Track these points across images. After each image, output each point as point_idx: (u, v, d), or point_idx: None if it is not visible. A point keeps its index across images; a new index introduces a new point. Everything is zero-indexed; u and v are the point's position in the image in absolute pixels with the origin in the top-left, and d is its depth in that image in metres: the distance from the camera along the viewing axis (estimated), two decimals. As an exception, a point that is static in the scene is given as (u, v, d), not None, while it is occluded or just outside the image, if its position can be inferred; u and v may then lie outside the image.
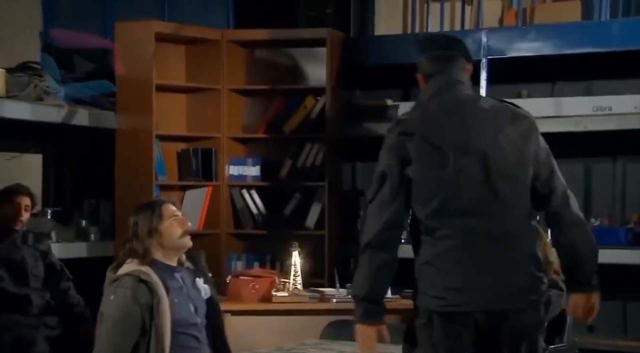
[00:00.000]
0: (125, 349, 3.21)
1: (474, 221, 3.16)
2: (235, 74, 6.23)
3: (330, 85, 6.06)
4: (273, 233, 6.11)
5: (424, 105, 3.36)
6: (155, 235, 3.40)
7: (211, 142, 6.19)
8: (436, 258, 3.21)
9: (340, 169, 6.29)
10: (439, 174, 3.18)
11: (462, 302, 3.12)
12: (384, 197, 3.25)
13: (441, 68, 3.37)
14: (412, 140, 3.23)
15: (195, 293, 3.48)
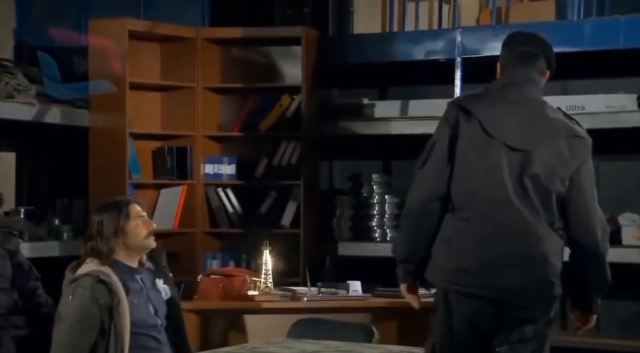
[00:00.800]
0: (83, 350, 3.18)
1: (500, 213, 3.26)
2: (210, 72, 6.20)
3: (306, 83, 6.04)
4: (249, 232, 6.09)
5: (492, 92, 3.43)
6: (121, 235, 3.36)
7: (186, 140, 6.16)
8: (454, 237, 3.29)
9: (317, 168, 6.28)
10: (481, 159, 3.28)
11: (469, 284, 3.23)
12: (433, 166, 3.30)
13: (520, 63, 3.45)
14: (468, 119, 3.31)
15: (155, 294, 3.45)
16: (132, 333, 3.25)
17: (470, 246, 3.26)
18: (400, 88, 6.64)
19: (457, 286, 3.26)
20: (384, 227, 6.23)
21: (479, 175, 3.30)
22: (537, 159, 3.33)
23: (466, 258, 3.25)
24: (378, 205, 6.24)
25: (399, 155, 6.67)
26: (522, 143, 3.34)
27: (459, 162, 3.30)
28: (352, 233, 6.27)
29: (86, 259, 3.34)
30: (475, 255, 3.25)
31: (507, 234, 3.26)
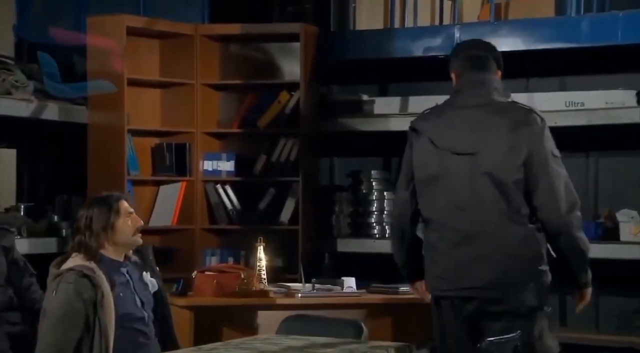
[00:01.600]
0: (68, 345, 3.18)
1: (455, 219, 3.58)
2: (209, 68, 6.19)
3: (304, 80, 6.03)
4: (247, 228, 6.08)
5: (442, 104, 3.80)
6: (110, 231, 3.36)
7: (185, 136, 6.16)
8: (429, 249, 3.69)
9: (316, 164, 6.27)
10: (432, 171, 3.60)
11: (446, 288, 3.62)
12: (402, 186, 3.73)
13: (471, 68, 3.76)
14: (418, 137, 3.69)
15: (142, 287, 3.44)
16: (119, 327, 3.25)
17: (440, 254, 3.62)
18: (400, 84, 6.62)
19: (438, 291, 3.67)
20: (382, 224, 6.22)
21: (434, 187, 3.61)
22: (485, 158, 3.56)
23: (440, 265, 3.63)
24: (377, 202, 6.23)
25: (398, 152, 6.62)
26: (467, 146, 3.58)
27: (417, 177, 3.65)
28: (351, 230, 6.27)
29: (72, 254, 3.33)
30: (444, 261, 3.62)
31: (465, 237, 3.57)
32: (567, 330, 5.84)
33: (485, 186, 3.53)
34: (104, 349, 3.16)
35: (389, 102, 6.40)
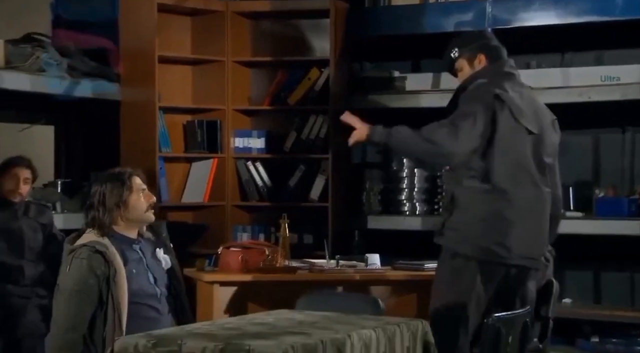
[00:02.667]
0: (82, 320, 3.21)
1: (529, 194, 3.95)
2: (240, 45, 6.21)
3: (334, 56, 6.02)
4: (277, 205, 6.11)
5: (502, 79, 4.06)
6: (123, 207, 3.39)
7: (216, 114, 6.19)
8: (492, 216, 3.90)
9: (345, 141, 6.23)
10: (515, 144, 3.91)
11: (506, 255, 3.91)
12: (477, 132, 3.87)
13: (501, 55, 4.18)
14: (502, 107, 3.93)
15: (155, 264, 3.47)
16: (132, 302, 3.28)
17: (509, 223, 3.89)
18: (432, 61, 6.57)
19: (495, 257, 3.90)
20: (413, 201, 6.20)
21: (514, 159, 3.91)
22: (545, 141, 4.04)
23: (505, 234, 3.89)
24: (408, 179, 6.21)
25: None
26: (534, 127, 4.00)
27: (497, 145, 3.88)
28: (381, 207, 6.26)
29: (86, 230, 3.37)
30: (514, 231, 3.89)
31: (535, 213, 3.98)
32: (601, 307, 5.80)
33: (544, 167, 3.99)
34: (117, 324, 3.21)
35: (421, 78, 6.36)
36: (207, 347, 2.82)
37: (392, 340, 3.16)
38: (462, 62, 4.19)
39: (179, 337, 2.90)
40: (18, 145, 6.41)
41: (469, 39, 4.26)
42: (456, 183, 3.95)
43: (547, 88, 5.80)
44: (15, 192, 4.85)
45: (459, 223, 3.94)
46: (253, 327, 3.10)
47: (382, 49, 6.58)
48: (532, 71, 6.07)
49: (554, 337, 5.67)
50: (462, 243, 3.91)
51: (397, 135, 3.92)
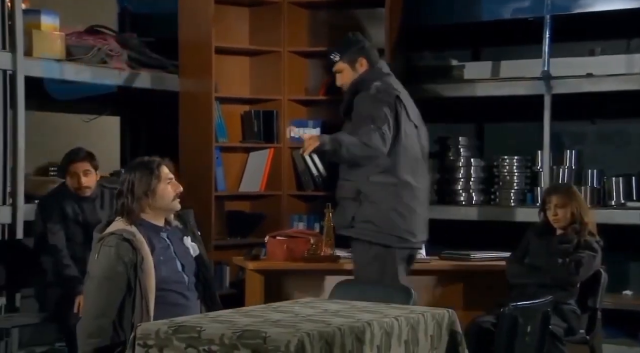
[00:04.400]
0: (111, 306, 3.28)
1: (423, 183, 4.43)
2: (296, 36, 6.25)
3: (389, 45, 6.00)
4: (333, 194, 6.12)
5: (391, 79, 4.48)
6: (151, 195, 3.45)
7: (273, 104, 6.25)
8: (402, 206, 4.29)
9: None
10: (410, 139, 4.34)
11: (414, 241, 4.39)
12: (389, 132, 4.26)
13: (378, 58, 4.58)
14: (402, 108, 4.36)
15: (183, 251, 3.52)
16: (159, 289, 3.34)
17: (413, 212, 4.31)
18: (492, 49, 6.52)
19: (406, 243, 4.33)
20: (469, 191, 6.17)
21: (412, 153, 4.33)
22: (422, 133, 4.48)
23: (410, 221, 4.30)
24: (464, 169, 6.18)
25: (488, 118, 6.57)
26: (418, 120, 4.46)
27: (401, 142, 4.27)
28: (437, 197, 6.23)
29: (116, 218, 3.45)
30: (415, 218, 4.32)
31: (426, 199, 4.48)
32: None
33: (425, 156, 4.46)
34: (145, 311, 3.27)
35: (480, 66, 6.31)
36: (225, 334, 2.87)
37: (416, 329, 3.17)
38: (342, 65, 4.50)
39: (199, 323, 2.96)
40: (85, 135, 6.60)
41: (349, 43, 4.55)
42: (362, 179, 4.28)
43: (611, 75, 5.71)
44: (81, 187, 4.84)
45: (371, 216, 4.28)
46: (275, 314, 3.14)
47: (439, 37, 6.54)
48: (596, 58, 5.97)
49: (614, 330, 5.60)
50: (378, 234, 4.27)
51: (344, 143, 4.21)
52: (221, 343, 2.86)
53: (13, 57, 5.25)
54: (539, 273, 4.48)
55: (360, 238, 4.29)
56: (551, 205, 4.56)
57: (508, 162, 6.12)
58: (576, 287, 4.47)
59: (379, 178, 4.26)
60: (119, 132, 7.06)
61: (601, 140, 6.36)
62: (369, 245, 4.27)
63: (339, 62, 4.49)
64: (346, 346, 2.92)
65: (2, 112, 5.30)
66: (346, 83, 4.51)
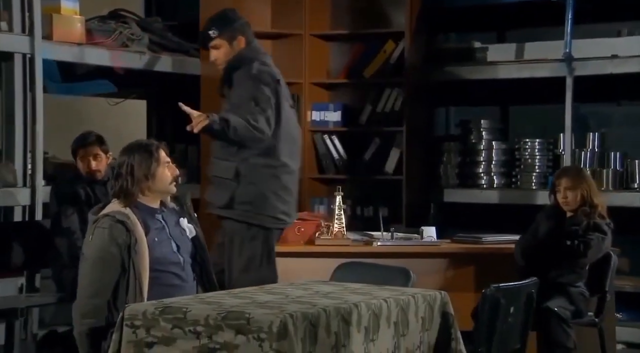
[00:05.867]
0: (105, 287, 3.33)
1: (297, 165, 4.44)
2: (318, 19, 6.24)
3: (410, 28, 5.97)
4: (353, 177, 6.15)
5: (265, 61, 4.43)
6: (150, 178, 3.48)
7: (294, 87, 6.23)
8: (282, 189, 4.30)
9: (421, 114, 6.22)
10: (290, 120, 4.37)
11: (288, 222, 4.41)
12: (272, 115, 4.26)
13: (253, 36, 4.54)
14: (281, 91, 4.37)
15: (178, 232, 3.55)
16: (154, 270, 3.38)
17: (290, 193, 4.34)
18: (517, 31, 6.46)
19: (282, 224, 4.35)
20: (491, 174, 6.13)
21: (290, 135, 4.34)
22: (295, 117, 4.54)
23: (288, 203, 4.33)
24: (486, 152, 6.14)
25: (512, 100, 6.52)
26: (291, 101, 4.47)
27: (281, 124, 4.28)
28: (458, 180, 6.21)
29: (112, 199, 3.48)
30: (291, 200, 4.36)
31: (297, 181, 4.45)
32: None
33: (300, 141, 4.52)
34: (139, 292, 3.31)
35: (504, 49, 6.25)
36: (210, 315, 2.90)
37: (406, 311, 3.17)
38: (220, 41, 4.42)
39: (186, 304, 3.00)
40: (111, 118, 6.67)
41: (228, 20, 4.47)
42: (241, 160, 4.24)
43: (636, 56, 5.62)
44: (91, 171, 4.89)
45: (250, 197, 4.25)
46: (265, 296, 3.17)
47: (464, 20, 6.49)
48: (623, 39, 5.88)
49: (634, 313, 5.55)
50: (257, 215, 4.26)
51: (232, 124, 4.16)
52: (206, 324, 2.89)
53: (31, 41, 5.32)
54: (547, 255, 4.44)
55: (239, 219, 4.26)
56: (561, 188, 4.53)
57: (530, 144, 6.07)
58: (585, 270, 4.44)
59: (259, 160, 4.23)
60: (145, 115, 7.12)
61: (627, 122, 6.27)
62: (248, 227, 4.26)
63: (217, 38, 4.40)
64: (332, 327, 2.93)
65: (22, 95, 5.38)
66: (221, 59, 4.44)
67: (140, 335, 2.97)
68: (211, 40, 4.43)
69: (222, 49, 4.42)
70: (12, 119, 5.35)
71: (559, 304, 4.32)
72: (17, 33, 5.31)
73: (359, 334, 3.00)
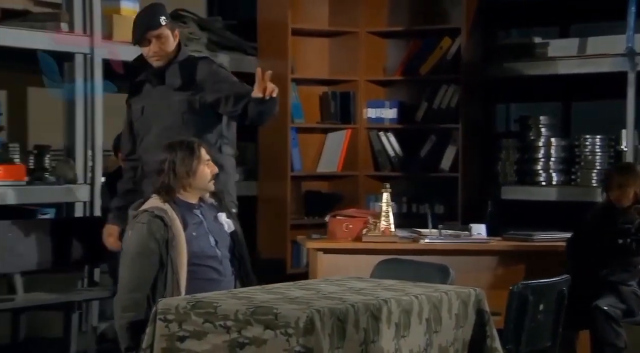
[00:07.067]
0: (144, 281, 3.39)
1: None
2: (374, 16, 6.24)
3: (466, 24, 5.93)
4: (409, 175, 6.13)
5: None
6: (192, 176, 3.54)
7: (350, 85, 6.27)
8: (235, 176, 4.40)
9: (477, 111, 6.16)
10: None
11: None
12: None
13: None
14: None
15: (217, 227, 3.60)
16: (192, 264, 3.43)
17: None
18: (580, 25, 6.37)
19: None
20: (549, 171, 6.04)
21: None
22: None
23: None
24: (544, 148, 6.06)
25: (576, 96, 6.42)
26: None
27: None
28: (516, 177, 6.14)
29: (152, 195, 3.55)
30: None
31: None
32: None
33: None
34: (176, 286, 3.36)
35: (566, 44, 6.15)
36: (239, 310, 2.93)
37: (438, 307, 3.16)
38: (167, 31, 4.17)
39: (217, 299, 3.04)
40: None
41: (165, 11, 4.25)
42: (216, 151, 4.09)
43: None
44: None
45: (228, 186, 4.16)
46: (297, 292, 3.19)
47: (523, 15, 6.41)
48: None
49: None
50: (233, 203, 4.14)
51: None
52: (236, 319, 2.92)
53: (91, 41, 5.45)
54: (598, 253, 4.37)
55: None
56: (613, 185, 4.44)
57: (590, 141, 5.97)
58: (637, 268, 4.35)
59: (227, 150, 4.21)
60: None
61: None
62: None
63: (164, 27, 4.13)
64: (360, 323, 2.94)
65: (83, 94, 5.52)
66: (164, 51, 4.15)
67: (173, 329, 3.02)
68: (157, 27, 4.12)
69: (169, 40, 4.16)
70: (74, 117, 5.50)
71: (609, 303, 4.24)
72: (78, 33, 5.44)
73: (389, 330, 3.00)
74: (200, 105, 4.08)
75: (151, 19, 4.13)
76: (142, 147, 4.14)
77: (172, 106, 4.08)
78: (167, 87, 4.13)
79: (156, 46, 4.13)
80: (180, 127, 4.01)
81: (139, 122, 4.18)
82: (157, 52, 4.13)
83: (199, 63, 4.18)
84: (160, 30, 4.12)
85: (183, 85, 4.11)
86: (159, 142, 3.88)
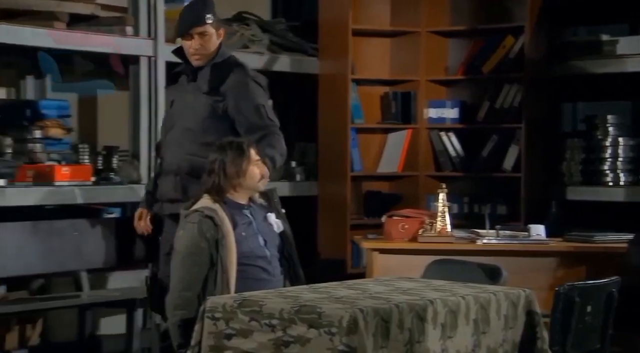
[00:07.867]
0: (195, 280, 3.43)
1: None
2: (436, 15, 6.20)
3: (530, 23, 5.85)
4: (470, 175, 6.08)
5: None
6: (242, 176, 3.56)
7: (411, 85, 6.24)
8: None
9: (541, 110, 6.07)
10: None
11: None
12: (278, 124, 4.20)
13: None
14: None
15: (266, 227, 3.61)
16: (242, 264, 3.45)
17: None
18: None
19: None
20: (616, 171, 5.92)
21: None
22: None
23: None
24: (611, 148, 5.94)
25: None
26: None
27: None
28: (582, 177, 6.03)
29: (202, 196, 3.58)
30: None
31: None
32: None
33: None
34: (225, 284, 3.40)
35: (635, 41, 6.01)
36: (284, 309, 2.95)
37: (486, 308, 3.12)
38: (211, 29, 4.05)
39: (263, 298, 3.06)
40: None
41: (213, 7, 4.10)
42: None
43: None
44: None
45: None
46: (343, 291, 3.19)
47: (589, 12, 6.30)
48: None
49: None
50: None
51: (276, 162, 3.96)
52: (280, 318, 2.94)
53: (155, 44, 5.54)
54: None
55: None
56: (675, 186, 4.34)
57: (660, 140, 5.84)
58: None
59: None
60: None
61: None
62: None
63: (209, 25, 4.02)
64: (405, 323, 2.93)
65: (147, 96, 5.61)
66: (205, 49, 4.05)
67: (220, 326, 3.05)
68: (204, 24, 4.02)
69: (212, 39, 4.06)
70: (138, 118, 5.60)
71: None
72: (142, 37, 5.54)
73: (434, 331, 2.99)
74: (222, 111, 4.01)
75: (198, 15, 4.04)
76: (166, 140, 4.13)
77: (196, 109, 4.02)
78: (197, 87, 4.09)
79: (198, 43, 4.05)
80: (200, 131, 3.96)
81: (168, 114, 4.19)
82: (197, 49, 4.05)
83: (233, 71, 4.06)
84: (205, 27, 4.03)
85: (210, 91, 4.04)
86: (179, 142, 3.91)
